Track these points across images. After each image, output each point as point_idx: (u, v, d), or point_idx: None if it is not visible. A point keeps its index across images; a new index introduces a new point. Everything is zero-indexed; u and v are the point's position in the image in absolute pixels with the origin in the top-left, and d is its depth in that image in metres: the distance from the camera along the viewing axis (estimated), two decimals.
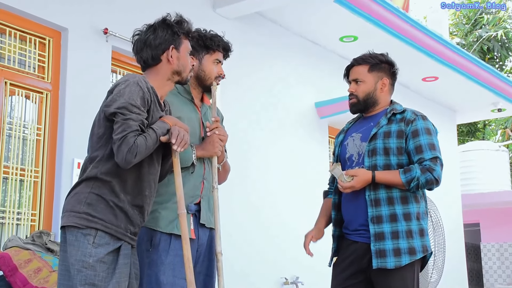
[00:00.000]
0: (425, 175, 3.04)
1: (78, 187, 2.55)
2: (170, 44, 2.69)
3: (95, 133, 2.58)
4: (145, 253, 2.82)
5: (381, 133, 3.16)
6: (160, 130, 2.55)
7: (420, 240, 3.09)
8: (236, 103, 5.86)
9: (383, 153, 3.13)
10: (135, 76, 2.60)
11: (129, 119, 2.46)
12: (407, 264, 3.03)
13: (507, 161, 12.85)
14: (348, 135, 3.35)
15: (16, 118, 4.33)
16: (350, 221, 3.21)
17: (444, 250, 6.31)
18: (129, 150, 2.42)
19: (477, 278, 13.38)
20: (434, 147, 3.11)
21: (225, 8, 5.71)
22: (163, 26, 2.71)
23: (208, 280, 2.97)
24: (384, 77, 3.30)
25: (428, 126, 3.17)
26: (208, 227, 2.99)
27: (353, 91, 3.29)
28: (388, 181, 3.08)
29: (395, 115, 3.22)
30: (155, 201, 2.85)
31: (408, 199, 3.10)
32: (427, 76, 8.26)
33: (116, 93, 2.53)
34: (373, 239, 3.06)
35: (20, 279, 3.43)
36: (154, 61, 2.70)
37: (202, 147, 2.97)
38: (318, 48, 7.01)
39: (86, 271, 2.42)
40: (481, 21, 18.08)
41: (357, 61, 3.32)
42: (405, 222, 3.07)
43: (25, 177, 4.29)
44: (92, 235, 2.46)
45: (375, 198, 3.10)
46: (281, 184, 6.25)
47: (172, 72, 2.71)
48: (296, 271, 6.15)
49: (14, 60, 4.34)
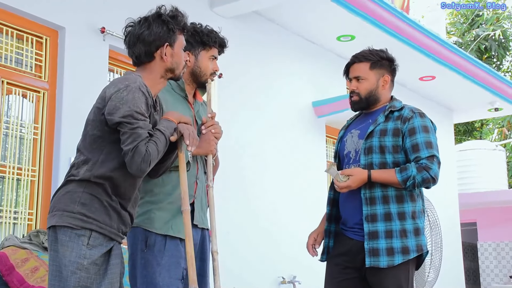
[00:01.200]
0: (422, 174, 3.02)
1: (69, 185, 2.48)
2: (164, 41, 2.60)
3: (89, 134, 2.51)
4: (140, 254, 2.80)
5: (378, 131, 3.15)
6: (168, 130, 2.51)
7: (415, 239, 3.08)
8: (233, 101, 5.86)
9: (379, 151, 3.12)
10: (136, 79, 2.50)
11: (137, 127, 2.39)
12: (400, 263, 3.03)
13: (504, 160, 12.86)
14: (348, 131, 3.34)
15: (13, 117, 4.32)
16: (347, 218, 3.21)
17: (441, 249, 6.32)
18: (143, 160, 2.37)
19: (474, 277, 13.39)
20: (431, 145, 3.09)
21: (222, 7, 5.71)
22: (158, 21, 2.61)
23: (200, 279, 2.96)
24: (386, 74, 3.29)
25: (426, 124, 3.15)
26: (200, 227, 2.97)
27: (355, 89, 3.26)
28: (384, 180, 3.07)
29: (392, 113, 3.21)
30: (149, 201, 2.83)
31: (403, 198, 3.09)
32: (424, 75, 8.27)
33: (118, 100, 2.42)
34: (367, 237, 3.06)
35: (17, 278, 3.42)
36: (147, 58, 2.61)
37: (198, 145, 2.95)
38: (316, 47, 7.01)
39: (80, 273, 2.36)
40: (478, 20, 18.09)
41: (358, 58, 3.29)
42: (399, 222, 3.06)
43: (22, 176, 4.29)
44: (87, 236, 2.40)
45: (370, 197, 3.10)
46: (278, 183, 6.25)
47: (166, 70, 2.63)
48: (293, 270, 6.15)
49: (11, 59, 4.33)
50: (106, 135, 2.47)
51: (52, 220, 2.45)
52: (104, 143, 2.48)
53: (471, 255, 13.54)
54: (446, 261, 7.41)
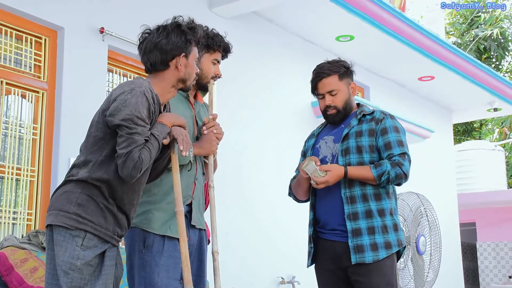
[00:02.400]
0: (395, 169, 3.13)
1: (67, 185, 2.49)
2: (181, 52, 2.61)
3: (92, 135, 2.52)
4: (138, 254, 2.80)
5: (353, 133, 3.25)
6: (161, 135, 2.51)
7: (395, 234, 3.20)
8: (232, 102, 5.86)
9: (356, 151, 3.22)
10: (142, 84, 2.50)
11: (135, 133, 2.39)
12: (384, 257, 3.13)
13: (503, 161, 12.87)
14: (319, 138, 3.42)
15: (12, 118, 4.32)
16: (326, 220, 3.26)
17: (440, 249, 6.32)
18: (135, 167, 2.38)
19: (473, 277, 13.40)
20: (402, 144, 3.22)
21: (221, 7, 5.71)
22: (177, 31, 2.62)
23: (199, 279, 2.97)
24: (351, 81, 3.38)
25: (396, 125, 3.28)
26: (198, 228, 2.98)
27: (331, 103, 3.31)
28: (360, 175, 3.16)
29: (364, 116, 3.32)
30: (147, 201, 2.83)
31: (381, 195, 3.21)
32: (423, 76, 8.28)
33: (121, 102, 2.42)
34: (351, 235, 3.14)
35: (16, 278, 3.42)
36: (162, 66, 2.62)
37: (199, 145, 2.94)
38: (315, 47, 7.01)
39: (73, 274, 2.37)
40: (477, 20, 18.09)
41: (325, 72, 3.32)
42: (380, 218, 3.17)
43: (21, 176, 4.29)
44: (81, 237, 2.40)
45: (351, 196, 3.19)
46: (276, 183, 6.25)
47: (178, 80, 2.64)
48: (292, 270, 6.16)
49: (10, 59, 4.33)
50: (107, 137, 2.47)
51: (48, 219, 2.47)
52: (104, 145, 2.48)
53: (470, 255, 13.55)
54: (445, 261, 7.41)
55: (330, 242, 3.24)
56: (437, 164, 9.12)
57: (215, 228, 2.95)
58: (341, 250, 3.18)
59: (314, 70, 3.38)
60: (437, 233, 6.26)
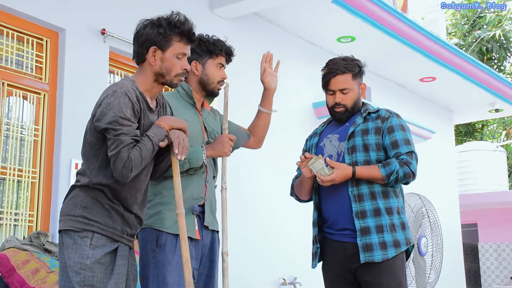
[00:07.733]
0: (403, 169, 3.10)
1: (73, 191, 2.55)
2: (152, 44, 2.58)
3: (88, 141, 2.55)
4: (151, 253, 2.83)
5: (359, 131, 3.22)
6: (156, 137, 2.51)
7: (403, 233, 3.16)
8: (232, 102, 5.82)
9: (363, 149, 3.18)
10: (123, 85, 2.51)
11: (121, 133, 2.41)
12: (393, 256, 3.09)
13: (505, 162, 12.86)
14: (323, 136, 3.38)
15: (13, 119, 4.33)
16: (335, 220, 3.21)
17: (442, 250, 6.32)
18: (124, 166, 2.39)
19: (474, 278, 13.39)
20: (409, 142, 3.19)
21: (222, 8, 5.71)
22: (153, 24, 2.61)
23: (209, 280, 3.00)
24: (361, 81, 3.35)
25: (402, 123, 3.25)
26: (211, 229, 3.01)
27: (341, 101, 3.27)
28: (368, 175, 3.12)
29: (370, 114, 3.29)
30: (159, 202, 2.87)
31: (388, 193, 3.17)
32: (425, 77, 8.28)
33: (105, 106, 2.45)
34: (359, 233, 3.10)
35: (18, 280, 3.42)
36: (139, 58, 2.62)
37: (212, 147, 3.00)
38: (316, 48, 7.01)
39: (84, 273, 2.41)
40: (480, 21, 18.07)
41: (340, 69, 3.27)
42: (387, 216, 3.13)
43: (23, 178, 4.29)
44: (89, 237, 2.45)
45: (358, 194, 3.14)
46: (277, 185, 6.25)
47: (155, 73, 2.60)
48: (294, 272, 6.15)
49: (12, 60, 4.34)
50: (100, 142, 2.50)
51: (59, 225, 2.54)
52: (99, 151, 2.51)
53: (472, 256, 13.53)
54: (447, 262, 7.40)
55: (339, 243, 3.18)
56: (438, 165, 9.11)
57: (226, 229, 2.97)
58: (350, 251, 3.13)
59: (328, 65, 3.32)
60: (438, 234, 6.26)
